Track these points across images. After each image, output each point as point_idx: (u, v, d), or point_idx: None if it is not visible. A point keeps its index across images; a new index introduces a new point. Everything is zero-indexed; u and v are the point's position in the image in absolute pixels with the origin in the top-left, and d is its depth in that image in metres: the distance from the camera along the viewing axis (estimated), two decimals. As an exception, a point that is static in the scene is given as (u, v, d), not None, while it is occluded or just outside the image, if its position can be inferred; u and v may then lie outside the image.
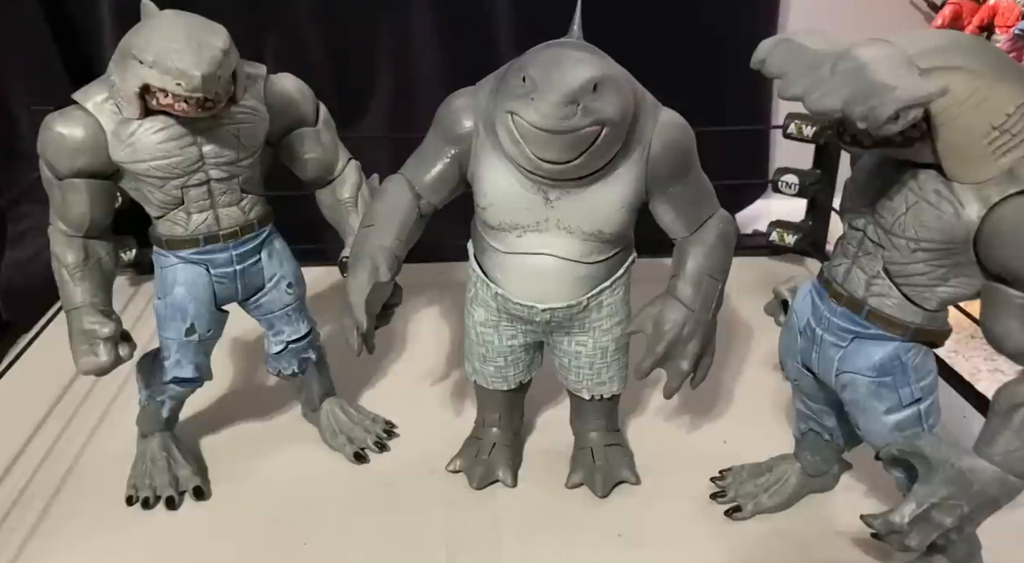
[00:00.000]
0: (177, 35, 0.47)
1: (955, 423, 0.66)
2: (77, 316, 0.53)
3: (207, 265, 0.57)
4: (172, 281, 0.57)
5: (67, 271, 0.54)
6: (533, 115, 0.43)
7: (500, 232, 0.52)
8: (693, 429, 0.69)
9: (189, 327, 0.57)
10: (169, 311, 0.57)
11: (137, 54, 0.47)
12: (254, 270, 0.59)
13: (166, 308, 0.57)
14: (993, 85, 0.38)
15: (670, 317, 0.52)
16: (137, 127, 0.50)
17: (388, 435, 0.67)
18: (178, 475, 0.60)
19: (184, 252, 0.56)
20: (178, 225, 0.55)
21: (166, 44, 0.47)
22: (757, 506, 0.58)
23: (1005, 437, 0.41)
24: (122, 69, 0.48)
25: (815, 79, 0.38)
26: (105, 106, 0.50)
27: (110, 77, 0.50)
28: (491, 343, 0.58)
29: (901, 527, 0.45)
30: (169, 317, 0.57)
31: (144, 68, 0.47)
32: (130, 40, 0.48)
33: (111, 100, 0.50)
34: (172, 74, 0.46)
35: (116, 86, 0.49)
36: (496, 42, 0.96)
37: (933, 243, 0.41)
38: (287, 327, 0.62)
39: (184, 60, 0.46)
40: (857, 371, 0.47)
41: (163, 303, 0.57)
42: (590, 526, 0.58)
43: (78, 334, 0.53)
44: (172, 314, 0.57)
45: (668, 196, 0.51)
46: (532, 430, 0.68)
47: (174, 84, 0.46)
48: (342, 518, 0.58)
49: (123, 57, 0.48)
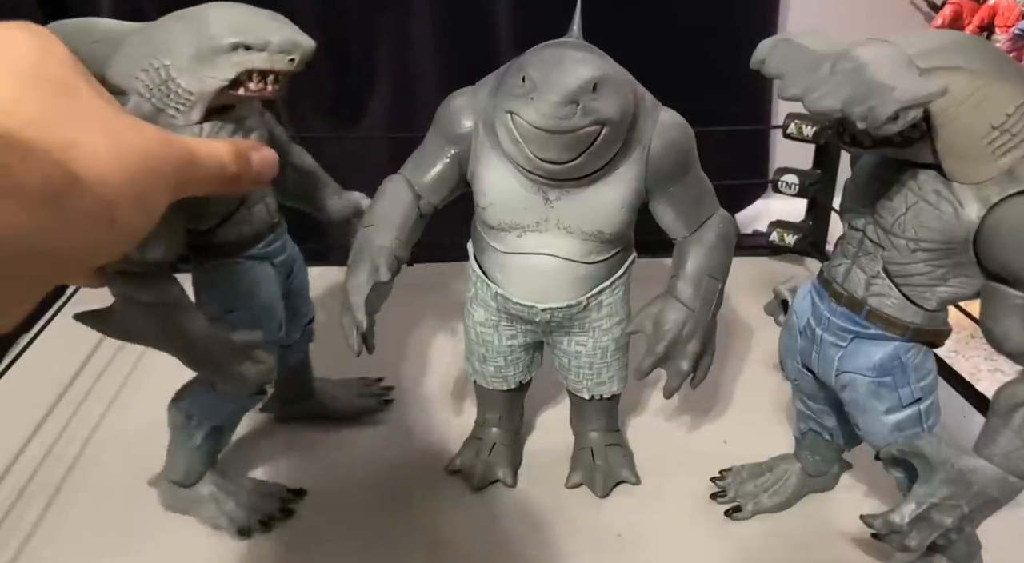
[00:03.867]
0: (254, 13, 0.46)
1: (955, 423, 0.66)
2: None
3: (270, 258, 0.54)
4: (250, 283, 0.53)
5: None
6: (533, 115, 0.43)
7: (500, 232, 0.52)
8: (693, 429, 0.69)
9: (278, 325, 0.55)
10: (255, 315, 0.53)
11: (229, 42, 0.44)
12: (292, 253, 0.58)
13: (249, 316, 0.52)
14: (993, 85, 0.38)
15: (670, 317, 0.52)
16: (198, 132, 0.47)
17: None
18: (252, 506, 0.57)
19: (253, 250, 0.53)
20: (244, 223, 0.52)
21: (258, 22, 0.45)
22: (757, 506, 0.58)
23: (1005, 437, 0.41)
24: (192, 71, 0.44)
25: (815, 79, 0.38)
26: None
27: (149, 98, 0.45)
28: (491, 343, 0.58)
29: (901, 527, 0.45)
30: (257, 323, 0.52)
31: (241, 54, 0.44)
32: (194, 38, 0.44)
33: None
34: (285, 49, 0.45)
35: (171, 96, 0.45)
36: (496, 42, 0.96)
37: (933, 243, 0.41)
38: (305, 306, 0.61)
39: (286, 31, 0.45)
40: (857, 371, 0.47)
41: (242, 313, 0.52)
42: (590, 526, 0.58)
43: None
44: (260, 316, 0.53)
45: (668, 196, 0.51)
46: (532, 430, 0.68)
47: (287, 60, 0.45)
48: (341, 518, 0.58)
49: (194, 60, 0.44)
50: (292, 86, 1.05)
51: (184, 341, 0.48)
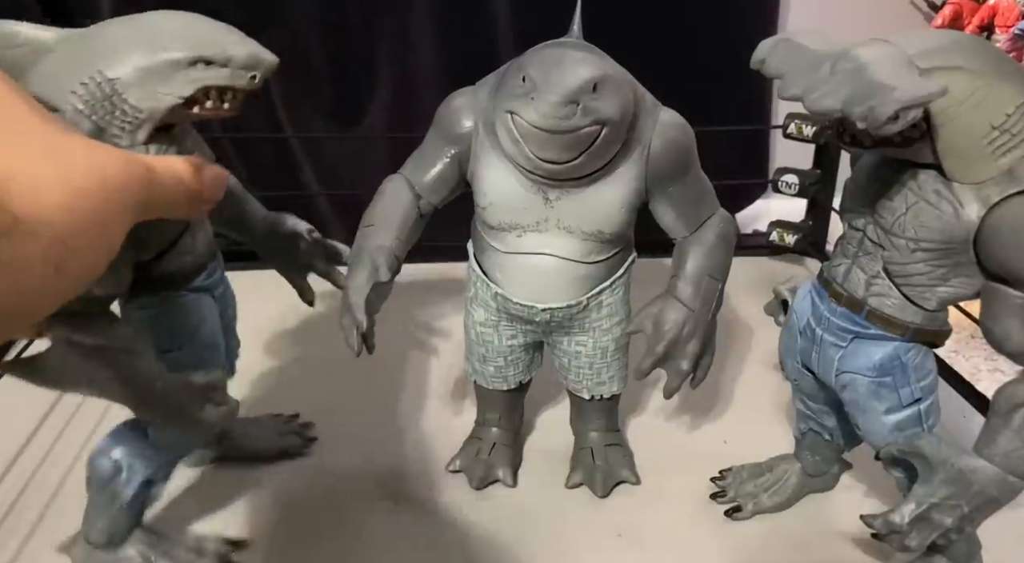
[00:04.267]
0: (212, 25, 0.41)
1: (955, 423, 0.66)
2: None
3: (211, 290, 0.50)
4: (195, 318, 0.48)
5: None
6: (533, 115, 0.43)
7: (500, 232, 0.52)
8: (693, 429, 0.69)
9: (222, 363, 0.51)
10: (201, 353, 0.48)
11: (188, 55, 0.40)
12: (226, 283, 0.53)
13: (194, 355, 0.48)
14: (993, 85, 0.38)
15: (670, 317, 0.52)
16: (152, 156, 0.41)
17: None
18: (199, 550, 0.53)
19: (196, 282, 0.48)
20: (187, 253, 0.47)
21: (218, 34, 0.41)
22: (757, 506, 0.58)
23: (1005, 437, 0.41)
24: (143, 86, 0.39)
25: (815, 79, 0.38)
26: None
27: (89, 116, 0.39)
28: (491, 343, 0.58)
29: (901, 527, 0.45)
30: (203, 362, 0.48)
31: (201, 70, 0.40)
32: (147, 49, 0.39)
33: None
34: (249, 65, 0.41)
35: (116, 113, 0.40)
36: (496, 42, 0.96)
37: (933, 243, 0.41)
38: (233, 340, 0.56)
39: (250, 46, 0.41)
40: (857, 371, 0.47)
41: (187, 352, 0.48)
42: (590, 526, 0.58)
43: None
44: (206, 354, 0.49)
45: (668, 196, 0.51)
46: (532, 430, 0.68)
47: (248, 77, 0.41)
48: (341, 518, 0.58)
49: (146, 74, 0.39)
50: (292, 86, 1.05)
51: (137, 387, 0.42)
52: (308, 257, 0.60)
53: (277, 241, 0.58)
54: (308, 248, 0.59)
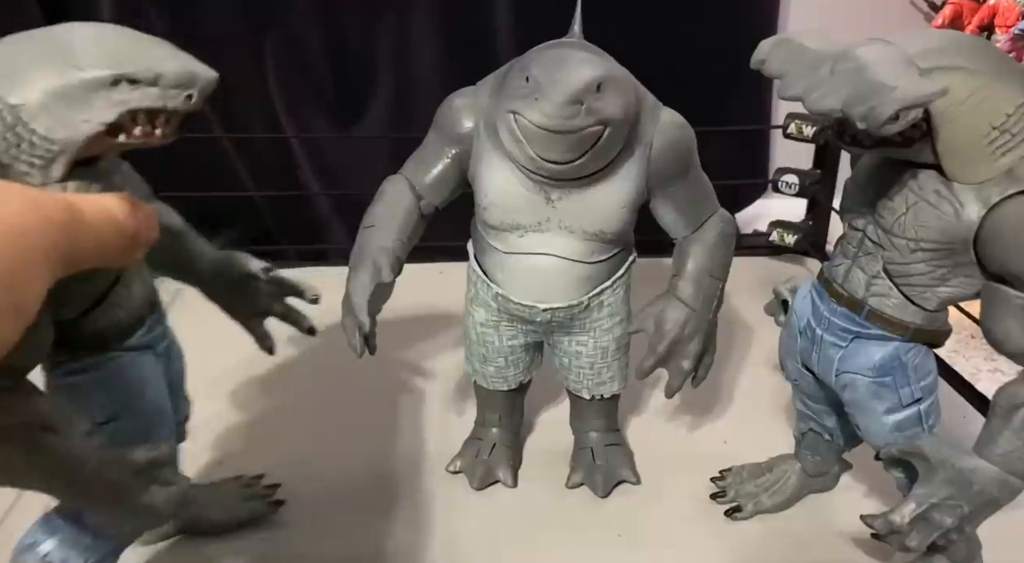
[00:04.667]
0: (133, 38, 0.35)
1: (955, 423, 0.65)
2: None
3: (153, 347, 0.43)
4: (135, 381, 0.42)
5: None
6: (536, 115, 0.43)
7: (501, 232, 0.52)
8: (693, 429, 0.69)
9: (170, 430, 0.44)
10: (144, 422, 0.42)
11: (107, 74, 0.33)
12: (171, 335, 0.47)
13: (136, 424, 0.41)
14: (993, 85, 0.38)
15: (671, 316, 0.52)
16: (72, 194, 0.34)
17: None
18: None
19: (133, 339, 0.42)
20: (119, 307, 0.40)
21: (141, 49, 0.35)
22: (757, 506, 0.58)
23: (1005, 437, 0.41)
24: (54, 113, 0.33)
25: (815, 79, 0.38)
26: None
27: (5, 148, 0.33)
28: (491, 343, 0.58)
29: (901, 527, 0.45)
30: (149, 431, 0.42)
31: (124, 90, 0.34)
32: (57, 68, 0.33)
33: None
34: (182, 83, 0.35)
35: (22, 146, 0.33)
36: (496, 42, 0.96)
37: (933, 243, 0.41)
38: (182, 401, 0.50)
39: (181, 60, 0.35)
40: (857, 371, 0.47)
41: (127, 422, 0.41)
42: (590, 526, 0.58)
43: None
44: (150, 423, 0.43)
45: (668, 195, 0.52)
46: (532, 430, 0.68)
47: (183, 97, 0.35)
48: (341, 519, 0.58)
49: (58, 99, 0.33)
50: (292, 86, 1.05)
51: (63, 473, 0.34)
52: (265, 299, 0.53)
53: (228, 283, 0.51)
54: (265, 289, 0.53)
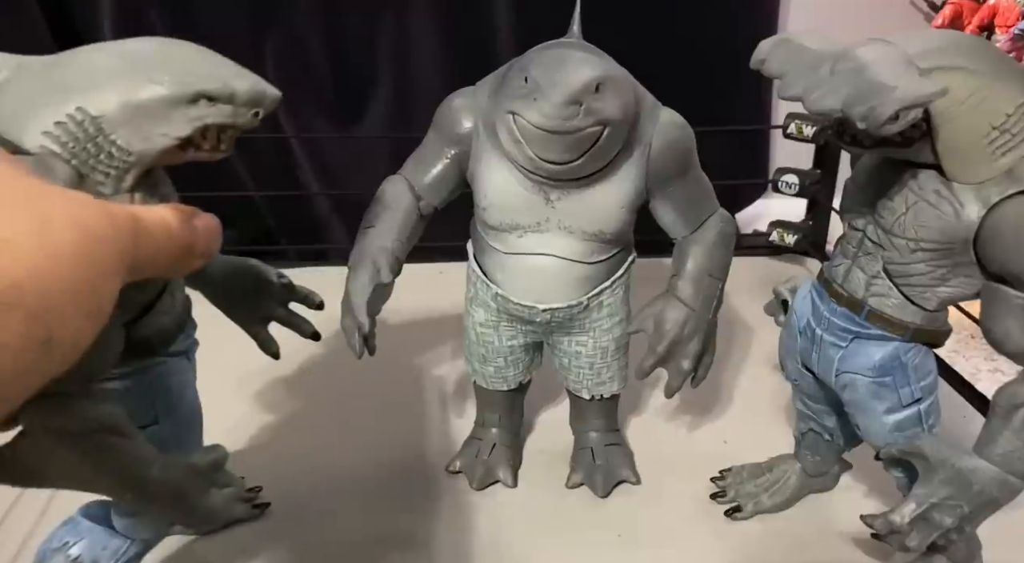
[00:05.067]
0: (205, 55, 0.36)
1: (955, 423, 0.65)
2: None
3: (187, 352, 0.45)
4: (177, 386, 0.43)
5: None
6: (535, 115, 0.43)
7: (500, 232, 0.52)
8: (693, 429, 0.69)
9: (202, 434, 0.46)
10: (181, 425, 0.44)
11: (191, 91, 0.34)
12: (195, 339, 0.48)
13: (175, 428, 0.43)
14: (993, 85, 0.38)
15: (671, 316, 0.52)
16: (128, 203, 0.36)
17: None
18: None
19: (174, 345, 0.43)
20: (165, 313, 0.41)
21: (216, 66, 0.36)
22: (757, 506, 0.58)
23: (1005, 437, 0.41)
24: (134, 126, 0.34)
25: (815, 79, 0.38)
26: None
27: (68, 160, 0.33)
28: (491, 343, 0.58)
29: (901, 527, 0.45)
30: (186, 434, 0.44)
31: (203, 107, 0.35)
32: (138, 82, 0.34)
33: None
34: (254, 101, 0.36)
35: (101, 156, 0.34)
36: (496, 42, 0.96)
37: (933, 243, 0.41)
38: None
39: (252, 79, 0.36)
40: (857, 371, 0.47)
41: (166, 426, 0.42)
42: (590, 526, 0.58)
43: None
44: (186, 426, 0.44)
45: (668, 196, 0.51)
46: (532, 430, 0.68)
47: (251, 114, 0.36)
48: (341, 519, 0.58)
49: (138, 112, 0.34)
50: (292, 86, 1.05)
51: (130, 476, 0.36)
52: (269, 305, 0.53)
53: (239, 289, 0.52)
54: (276, 295, 0.53)
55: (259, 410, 0.70)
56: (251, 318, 0.53)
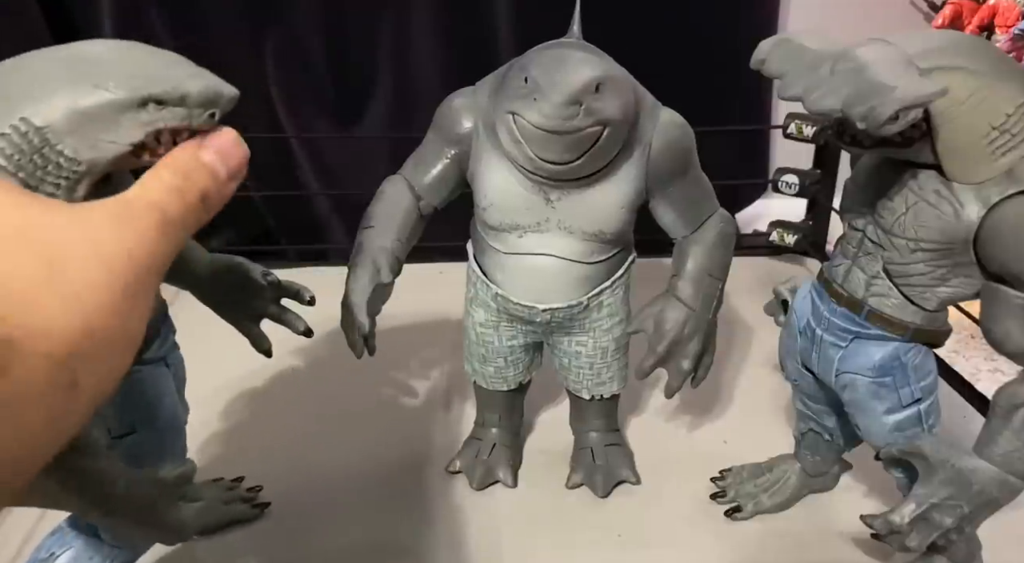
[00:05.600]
0: (155, 55, 0.35)
1: (955, 423, 0.65)
2: None
3: (165, 359, 0.44)
4: (153, 395, 0.42)
5: None
6: (535, 116, 0.43)
7: (500, 233, 0.52)
8: (693, 429, 0.69)
9: (184, 442, 0.45)
10: (160, 435, 0.43)
11: (138, 95, 0.33)
12: (174, 343, 0.47)
13: (153, 438, 0.42)
14: (993, 85, 0.38)
15: (671, 316, 0.52)
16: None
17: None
18: None
19: (149, 352, 0.42)
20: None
21: (166, 67, 0.34)
22: (757, 506, 0.58)
23: (1005, 437, 0.41)
24: (81, 134, 0.33)
25: (815, 79, 0.38)
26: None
27: (14, 173, 0.32)
28: (491, 344, 0.58)
29: (901, 527, 0.45)
30: (168, 441, 0.43)
31: (152, 111, 0.33)
32: (82, 88, 0.32)
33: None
34: (208, 101, 0.34)
35: (49, 168, 0.33)
36: (496, 42, 0.96)
37: (933, 243, 0.41)
38: (182, 406, 0.50)
39: (206, 79, 0.35)
40: (857, 371, 0.47)
41: (144, 436, 0.41)
42: (590, 526, 0.58)
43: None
44: (166, 435, 0.43)
45: (668, 196, 0.51)
46: (532, 430, 0.68)
47: (207, 115, 0.34)
48: (341, 519, 0.58)
49: (84, 119, 0.32)
50: (292, 86, 1.05)
51: (96, 492, 0.34)
52: (260, 302, 0.53)
53: (226, 287, 0.51)
54: (262, 292, 0.53)
55: (258, 410, 0.70)
56: (241, 316, 0.53)
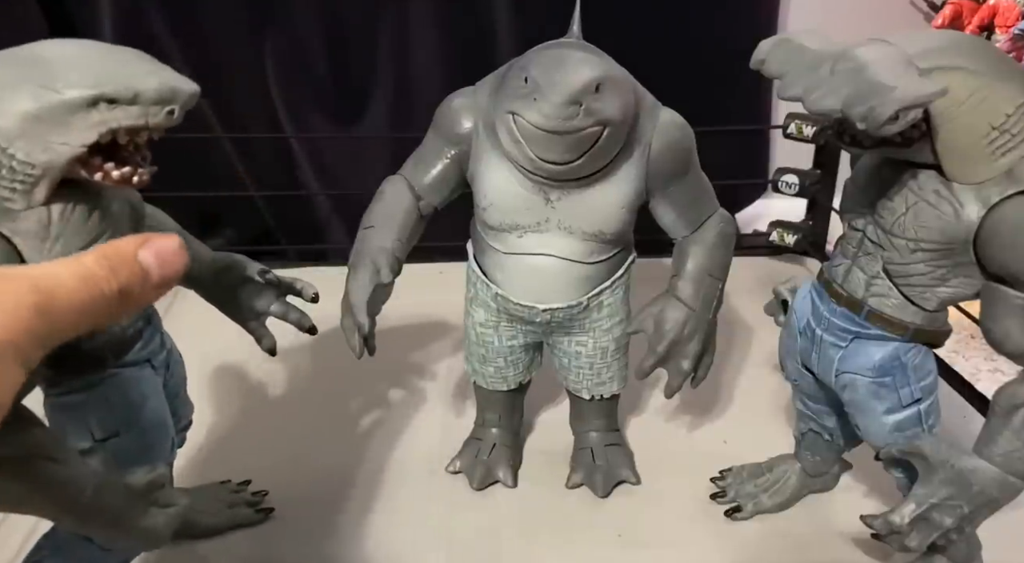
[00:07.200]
0: (110, 53, 0.34)
1: (955, 423, 0.65)
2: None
3: (150, 360, 0.43)
4: (135, 398, 0.41)
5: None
6: (535, 116, 0.43)
7: (500, 233, 0.52)
8: (693, 429, 0.69)
9: (172, 443, 0.45)
10: (145, 438, 0.42)
11: (86, 95, 0.32)
12: (168, 344, 0.46)
13: (137, 441, 0.42)
14: (993, 85, 0.38)
15: (671, 316, 0.52)
16: (45, 217, 0.35)
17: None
18: None
19: (130, 355, 0.42)
20: (116, 324, 0.40)
21: (120, 65, 0.34)
22: (757, 506, 0.58)
23: (1005, 438, 0.41)
24: (33, 137, 0.32)
25: (815, 79, 0.38)
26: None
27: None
28: (491, 344, 0.58)
29: (901, 527, 0.45)
30: (153, 443, 0.43)
31: (104, 110, 0.33)
32: (32, 90, 0.32)
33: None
34: (163, 99, 0.34)
35: (3, 172, 0.33)
36: (496, 42, 0.96)
37: (933, 243, 0.41)
38: (183, 407, 0.50)
39: (162, 75, 0.34)
40: (857, 371, 0.47)
41: (127, 439, 0.41)
42: (590, 526, 0.58)
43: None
44: (151, 438, 0.43)
45: (668, 196, 0.51)
46: (532, 430, 0.68)
47: (165, 113, 0.34)
48: (341, 519, 0.58)
49: (35, 121, 0.32)
50: (292, 86, 1.05)
51: (63, 499, 0.33)
52: (263, 300, 0.53)
53: (226, 286, 0.52)
54: (263, 290, 0.53)
55: (258, 410, 0.70)
56: (243, 313, 0.54)
